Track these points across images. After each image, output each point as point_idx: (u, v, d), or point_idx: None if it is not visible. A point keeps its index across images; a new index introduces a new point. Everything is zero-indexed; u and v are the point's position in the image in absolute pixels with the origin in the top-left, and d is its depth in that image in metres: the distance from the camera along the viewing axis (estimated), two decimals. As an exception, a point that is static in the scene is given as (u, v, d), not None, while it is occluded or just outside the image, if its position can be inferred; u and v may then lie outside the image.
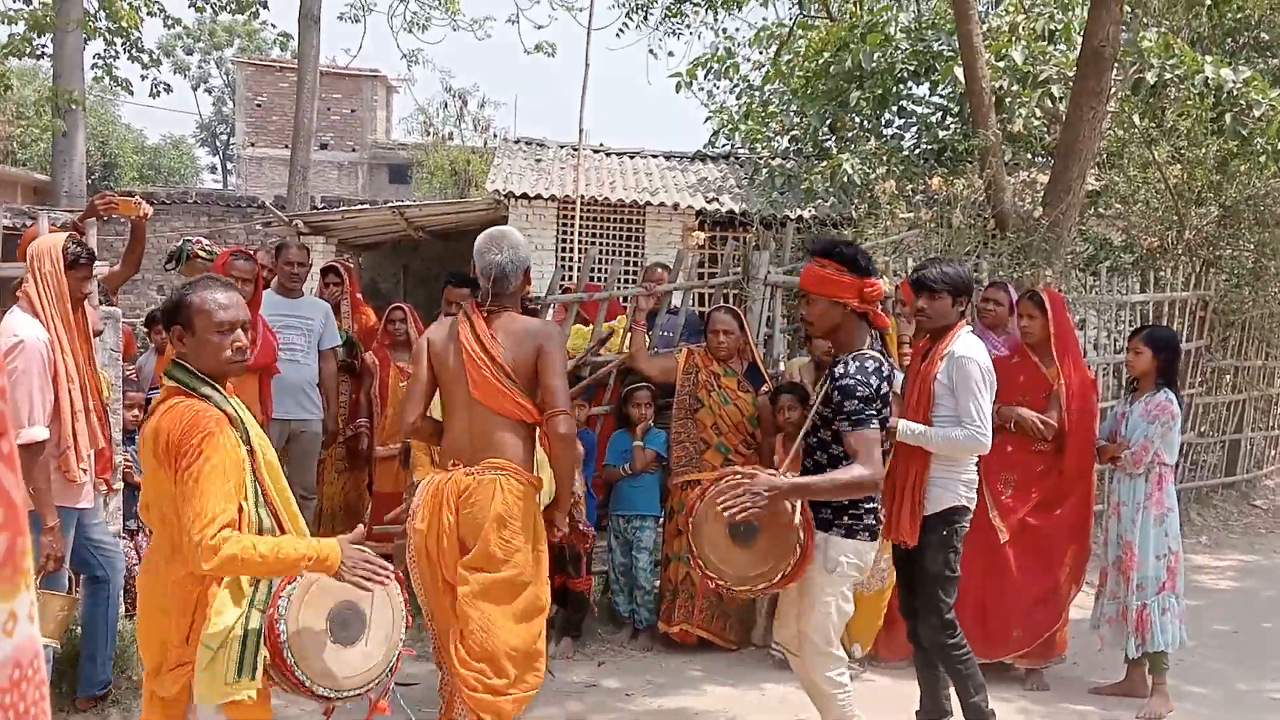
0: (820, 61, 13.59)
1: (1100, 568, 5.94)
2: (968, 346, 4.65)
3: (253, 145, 36.53)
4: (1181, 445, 6.41)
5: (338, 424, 7.10)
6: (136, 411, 5.90)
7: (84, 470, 4.53)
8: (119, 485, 5.36)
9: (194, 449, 3.06)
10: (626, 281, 12.91)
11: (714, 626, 6.12)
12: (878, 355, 4.18)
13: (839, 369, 4.10)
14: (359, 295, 7.98)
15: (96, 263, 5.51)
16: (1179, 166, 10.55)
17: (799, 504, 4.08)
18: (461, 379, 4.14)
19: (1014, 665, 5.82)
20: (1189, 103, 10.15)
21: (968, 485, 4.68)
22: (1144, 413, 5.64)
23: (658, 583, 6.33)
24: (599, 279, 11.01)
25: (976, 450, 4.60)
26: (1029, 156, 12.09)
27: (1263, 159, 9.87)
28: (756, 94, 16.12)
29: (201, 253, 6.63)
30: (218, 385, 3.25)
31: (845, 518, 4.18)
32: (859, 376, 4.04)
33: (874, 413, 4.04)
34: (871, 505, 4.23)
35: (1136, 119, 10.52)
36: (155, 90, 23.16)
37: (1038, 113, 11.35)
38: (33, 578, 0.87)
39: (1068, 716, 5.45)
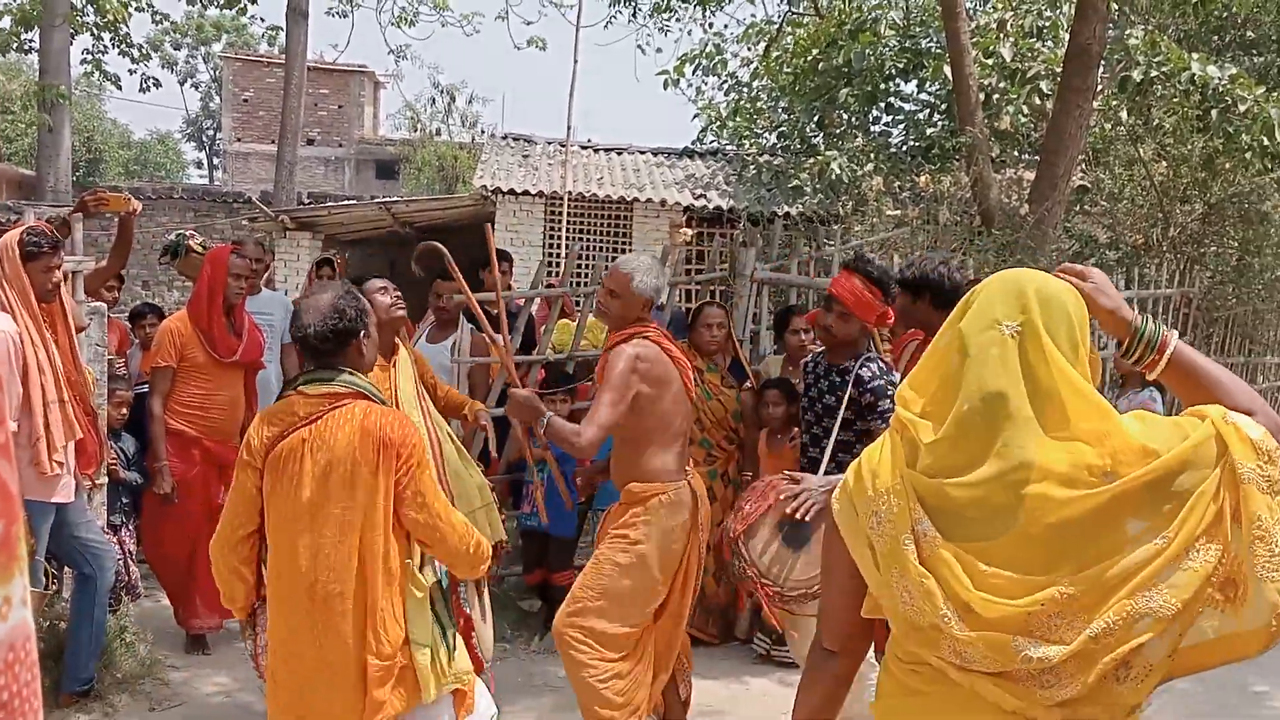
0: (808, 58, 13.63)
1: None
2: None
3: (239, 140, 36.47)
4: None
5: None
6: (125, 409, 5.89)
7: (58, 463, 4.49)
8: (102, 480, 5.34)
9: (419, 448, 3.21)
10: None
11: (696, 621, 6.11)
12: (879, 355, 4.50)
13: (864, 373, 4.34)
14: (346, 290, 7.98)
15: (83, 258, 5.52)
16: (1164, 164, 10.61)
17: None
18: (684, 391, 4.46)
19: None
20: (1175, 100, 10.21)
21: None
22: (1127, 410, 5.68)
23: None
24: (585, 275, 11.04)
25: None
26: (1015, 154, 12.15)
27: (1248, 156, 9.93)
28: (745, 90, 16.14)
29: (197, 247, 6.62)
30: None
31: None
32: (885, 378, 4.32)
33: None
34: None
35: (1123, 116, 10.57)
36: (144, 85, 23.07)
37: (1025, 110, 11.39)
38: (26, 564, 0.89)
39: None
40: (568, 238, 13.59)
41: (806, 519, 4.03)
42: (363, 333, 3.30)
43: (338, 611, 3.15)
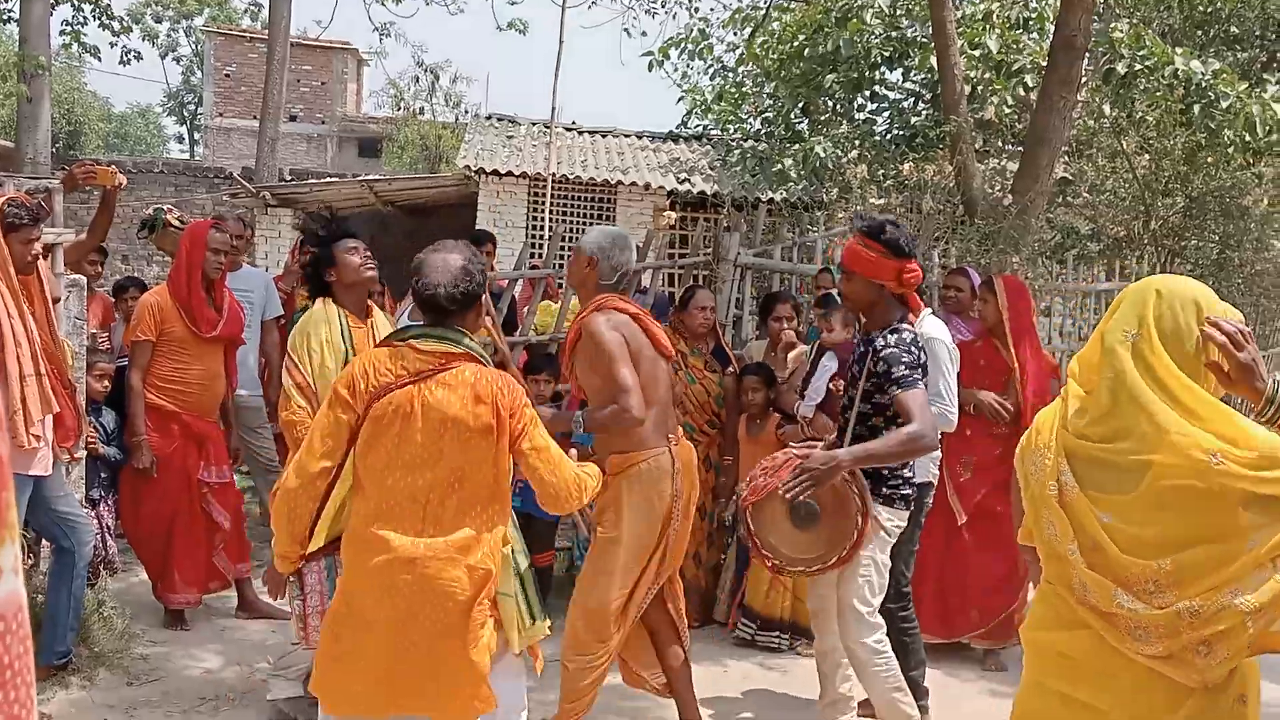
0: (794, 45, 13.61)
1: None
2: (933, 328, 4.75)
3: (221, 116, 36.20)
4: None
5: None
6: (107, 383, 5.85)
7: (35, 436, 4.45)
8: (81, 454, 5.31)
9: (527, 404, 3.37)
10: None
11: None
12: (910, 329, 4.29)
13: (878, 343, 4.18)
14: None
15: (63, 230, 5.47)
16: (1147, 157, 10.66)
17: (861, 489, 4.14)
18: (660, 363, 4.46)
19: (971, 645, 5.88)
20: (1158, 94, 10.24)
21: (934, 461, 4.78)
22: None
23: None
24: (568, 257, 11.02)
25: (944, 428, 4.67)
26: (999, 144, 12.18)
27: (1230, 151, 9.98)
28: (730, 76, 16.11)
29: (175, 221, 6.58)
30: None
31: (884, 487, 4.28)
32: (899, 347, 4.14)
33: (919, 376, 4.14)
34: (909, 475, 4.35)
35: (1106, 109, 10.60)
36: (125, 58, 22.86)
37: (1009, 100, 11.41)
38: (18, 532, 0.88)
39: (1024, 697, 5.51)
40: (551, 219, 13.56)
41: (802, 499, 4.00)
42: (479, 304, 3.44)
43: (441, 558, 3.22)
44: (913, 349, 4.17)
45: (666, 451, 4.32)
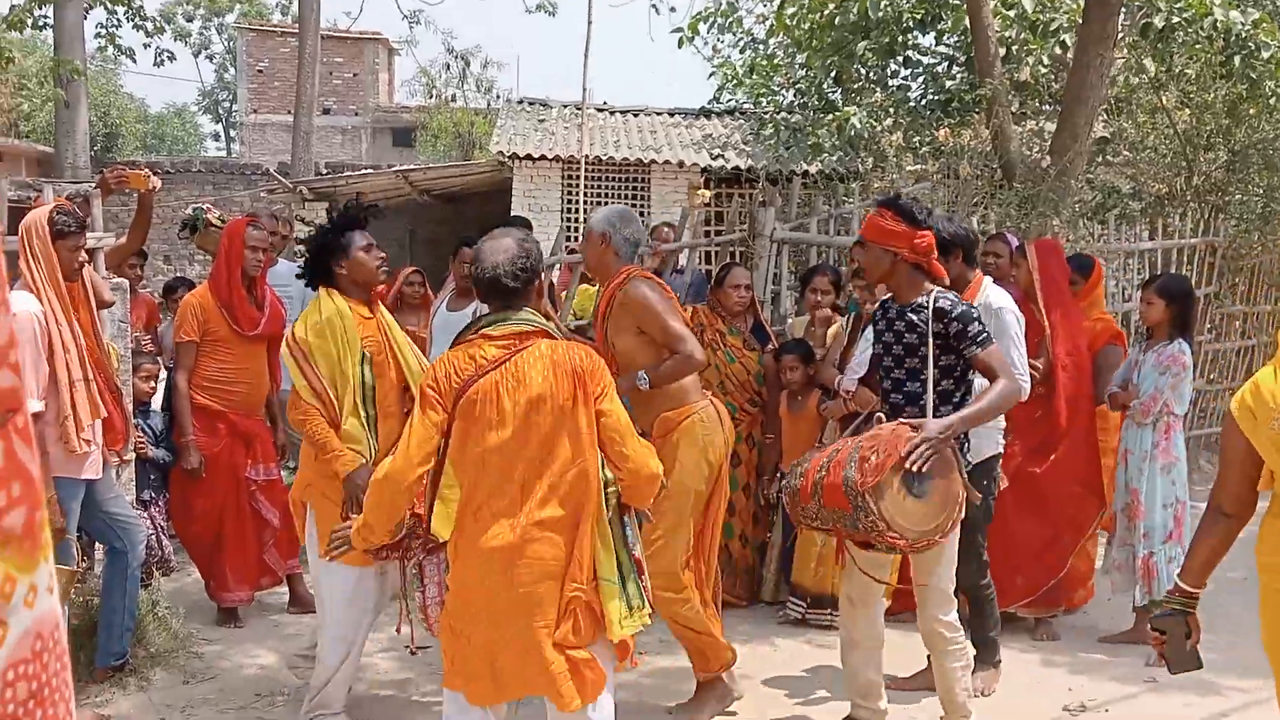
0: (825, 13, 13.48)
1: (1110, 514, 5.95)
2: (999, 298, 4.75)
3: (255, 112, 36.43)
4: (1191, 394, 6.37)
5: None
6: (154, 383, 5.91)
7: (85, 441, 4.52)
8: (130, 457, 5.38)
9: (607, 372, 3.43)
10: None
11: (723, 583, 6.12)
12: (953, 295, 4.25)
13: (944, 304, 4.12)
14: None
15: (103, 234, 5.53)
16: (1188, 111, 10.47)
17: (956, 449, 4.07)
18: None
19: (1018, 614, 5.78)
20: (1197, 46, 10.07)
21: (1002, 432, 4.77)
22: (1156, 363, 5.64)
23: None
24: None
25: (1018, 398, 4.52)
26: (1036, 105, 12.01)
27: (1272, 101, 9.80)
28: (761, 48, 16.00)
29: (215, 221, 6.64)
30: None
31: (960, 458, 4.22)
32: (965, 305, 4.16)
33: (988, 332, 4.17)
34: (968, 444, 4.34)
35: (1146, 64, 10.44)
36: (159, 59, 23.08)
37: (1045, 60, 11.25)
38: (52, 550, 0.89)
39: (1077, 665, 5.45)
40: (586, 202, 13.55)
41: (925, 470, 3.87)
42: (540, 276, 3.51)
43: (539, 539, 3.26)
44: (971, 306, 4.21)
45: (710, 403, 4.58)
